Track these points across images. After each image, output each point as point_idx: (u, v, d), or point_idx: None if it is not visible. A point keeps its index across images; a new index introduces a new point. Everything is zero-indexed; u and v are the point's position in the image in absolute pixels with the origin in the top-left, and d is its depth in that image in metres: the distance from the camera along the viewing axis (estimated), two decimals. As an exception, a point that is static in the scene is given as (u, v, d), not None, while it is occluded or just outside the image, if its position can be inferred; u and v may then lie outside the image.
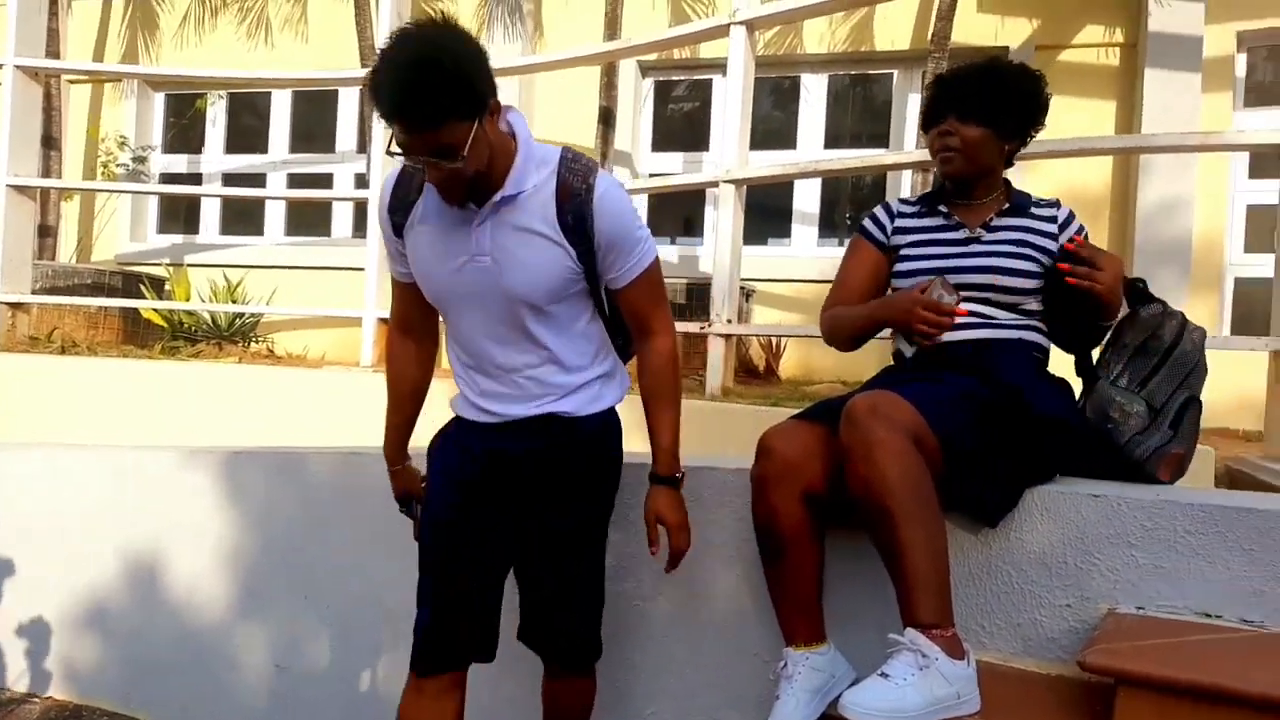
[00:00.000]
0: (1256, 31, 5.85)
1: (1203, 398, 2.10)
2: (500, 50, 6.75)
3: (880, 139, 6.69)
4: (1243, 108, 6.06)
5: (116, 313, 6.24)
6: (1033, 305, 2.13)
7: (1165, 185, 5.67)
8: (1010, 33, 6.16)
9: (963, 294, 2.08)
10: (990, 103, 2.11)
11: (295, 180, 7.84)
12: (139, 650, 3.23)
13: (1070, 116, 5.93)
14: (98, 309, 6.09)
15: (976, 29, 6.18)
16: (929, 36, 5.76)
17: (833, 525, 2.00)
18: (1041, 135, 2.26)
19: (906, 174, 5.90)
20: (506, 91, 6.76)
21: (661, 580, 2.35)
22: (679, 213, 7.28)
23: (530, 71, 6.08)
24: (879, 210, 2.29)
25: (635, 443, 2.15)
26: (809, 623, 1.95)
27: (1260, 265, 5.91)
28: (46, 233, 7.22)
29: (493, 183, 1.81)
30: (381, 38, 5.56)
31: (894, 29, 6.40)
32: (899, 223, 2.26)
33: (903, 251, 2.21)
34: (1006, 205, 2.18)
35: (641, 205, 7.11)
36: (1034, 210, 2.19)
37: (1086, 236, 2.16)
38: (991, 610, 1.95)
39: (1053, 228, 2.16)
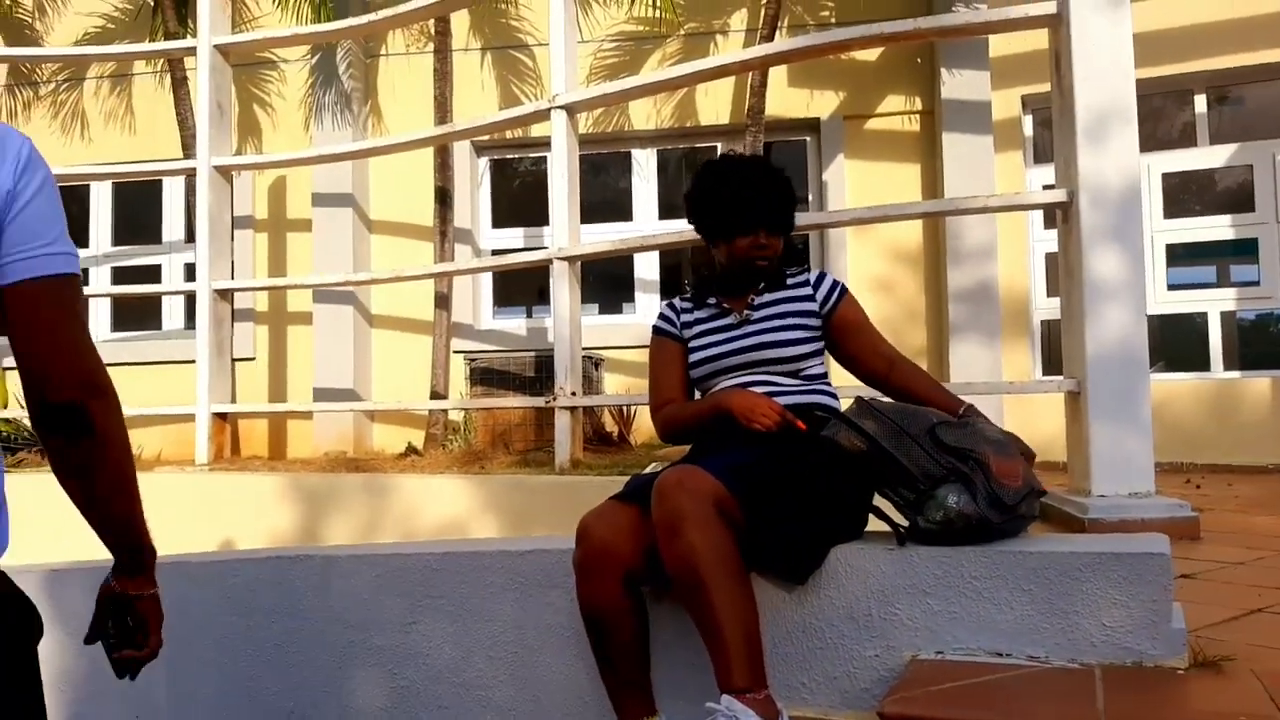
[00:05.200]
0: (1038, 95, 6.43)
1: (1020, 434, 2.19)
2: (330, 137, 6.73)
3: (712, 206, 6.96)
4: (1033, 164, 6.62)
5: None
6: (814, 369, 2.29)
7: (970, 239, 6.12)
8: (820, 105, 6.57)
9: (748, 370, 2.25)
10: (789, 217, 2.33)
11: (120, 274, 7.53)
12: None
13: (881, 179, 6.35)
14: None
15: (789, 102, 6.55)
16: (745, 110, 6.08)
17: (655, 598, 2.06)
18: (857, 200, 2.46)
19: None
20: (339, 177, 6.76)
21: (500, 667, 2.35)
22: (529, 283, 7.36)
23: (360, 157, 6.08)
24: (665, 309, 2.46)
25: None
26: (639, 699, 2.00)
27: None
28: None
29: None
30: (202, 130, 5.49)
31: (716, 104, 6.72)
32: (683, 318, 2.42)
33: (691, 343, 2.37)
34: (762, 285, 2.35)
35: (487, 280, 7.16)
36: (789, 282, 2.36)
37: (841, 292, 2.34)
38: (809, 666, 2.04)
39: (807, 290, 2.34)
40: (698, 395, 2.39)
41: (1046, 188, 6.14)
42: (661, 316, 2.45)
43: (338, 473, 4.99)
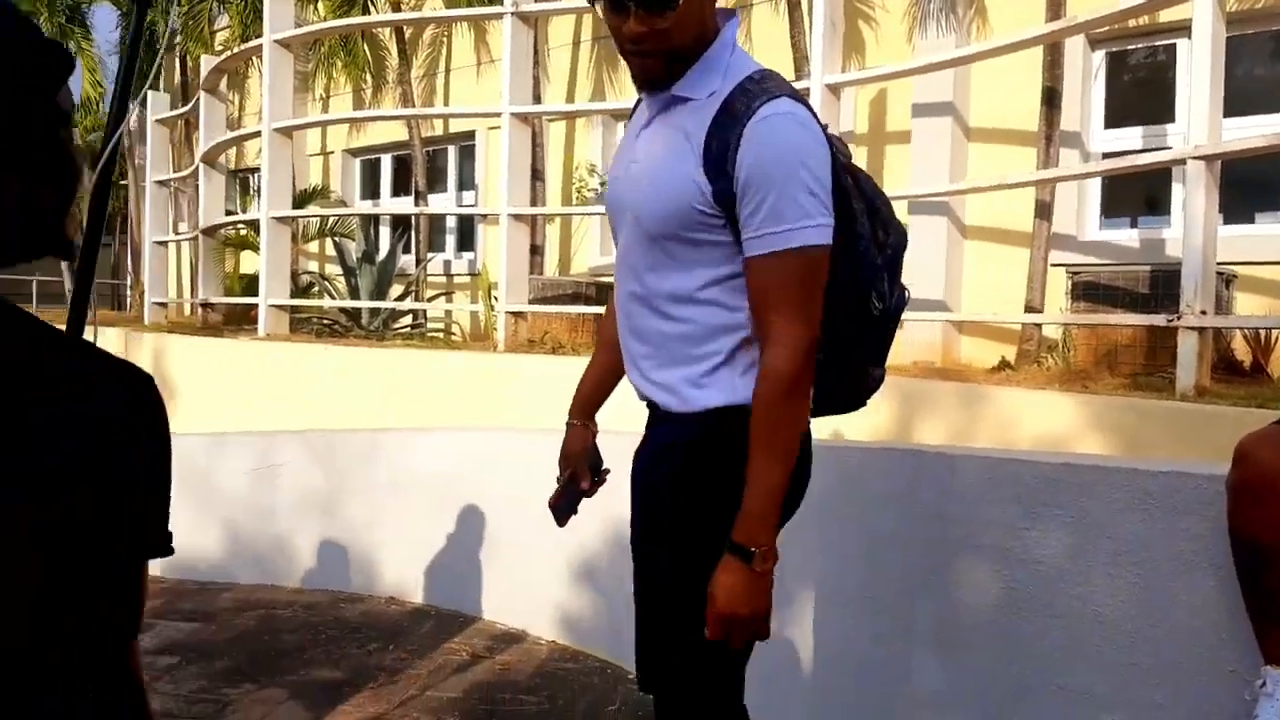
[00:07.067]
0: None
1: None
2: (933, 46, 6.66)
3: (1405, 88, 5.59)
4: None
5: (592, 317, 7.16)
6: None
7: None
8: None
9: None
10: None
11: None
12: (623, 605, 3.74)
13: None
14: (577, 314, 7.03)
15: None
16: None
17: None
18: None
19: None
20: (940, 85, 6.70)
21: (1120, 586, 2.26)
22: (1139, 190, 6.67)
23: (966, 63, 5.95)
24: None
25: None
26: (1296, 642, 1.79)
27: None
28: (535, 251, 8.48)
29: (675, 76, 1.54)
30: (816, 48, 5.81)
31: None
32: None
33: None
34: None
35: (1094, 188, 6.62)
36: None
37: None
38: None
39: None
40: None
41: None
42: None
43: (930, 379, 5.10)
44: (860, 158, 7.46)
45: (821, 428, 4.69)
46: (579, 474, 1.91)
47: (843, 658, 2.93)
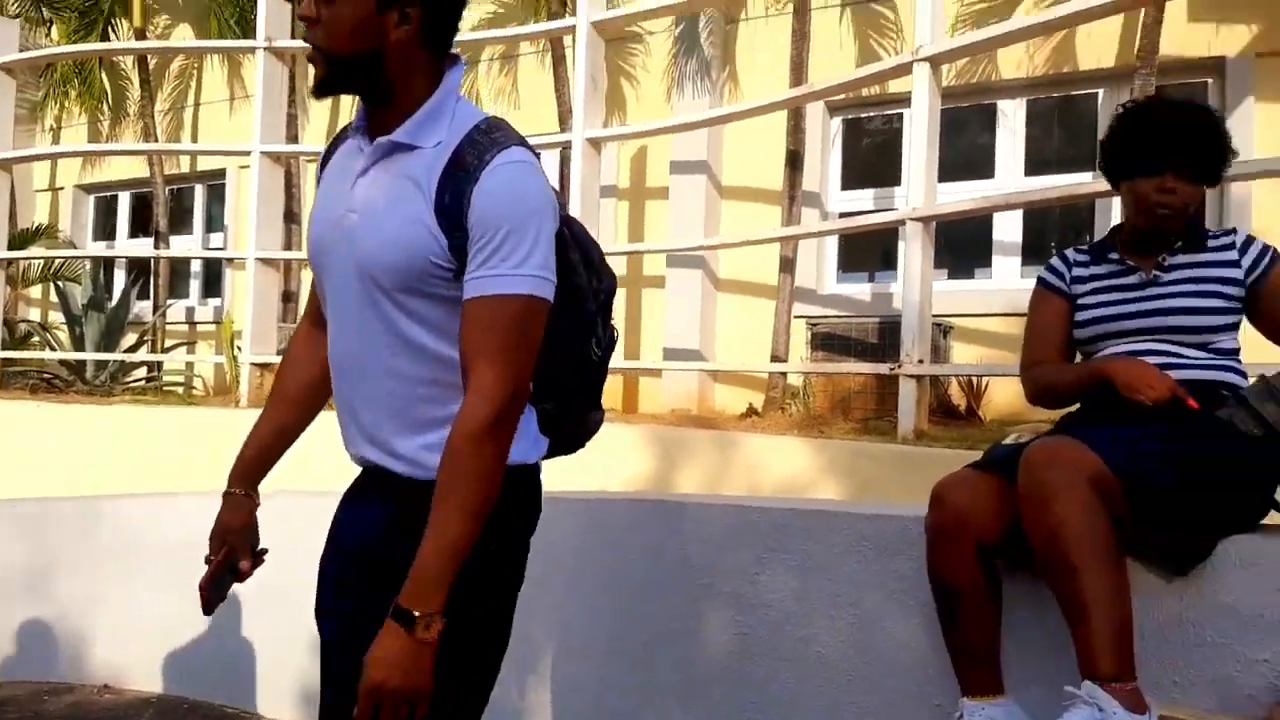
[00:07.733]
0: None
1: None
2: (689, 106, 6.96)
3: (1087, 161, 6.38)
4: None
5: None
6: (1226, 343, 2.03)
7: None
8: (1226, 41, 5.74)
9: (1147, 337, 2.03)
10: (1212, 162, 2.05)
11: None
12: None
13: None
14: (333, 366, 6.72)
15: (1187, 40, 5.80)
16: (1135, 52, 5.48)
17: (1010, 574, 1.97)
18: (1268, 150, 2.18)
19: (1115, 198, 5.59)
20: (695, 145, 6.99)
21: (840, 627, 2.36)
22: (872, 247, 7.21)
23: (718, 123, 6.25)
24: (1055, 261, 2.27)
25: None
26: (985, 673, 1.93)
27: None
28: (289, 298, 8.06)
29: (389, 121, 1.48)
30: (578, 103, 5.92)
31: (1099, 46, 6.11)
32: (1075, 271, 2.21)
33: (1080, 300, 2.17)
34: (1179, 243, 2.09)
35: (833, 245, 7.10)
36: (1211, 244, 2.09)
37: (1273, 259, 2.06)
38: (1183, 665, 1.85)
39: (1232, 255, 2.07)
40: (1079, 359, 2.22)
41: None
42: (1049, 268, 2.26)
43: (686, 427, 5.24)
44: (621, 211, 7.64)
45: (582, 479, 4.66)
46: (238, 552, 1.70)
47: (590, 711, 2.89)
